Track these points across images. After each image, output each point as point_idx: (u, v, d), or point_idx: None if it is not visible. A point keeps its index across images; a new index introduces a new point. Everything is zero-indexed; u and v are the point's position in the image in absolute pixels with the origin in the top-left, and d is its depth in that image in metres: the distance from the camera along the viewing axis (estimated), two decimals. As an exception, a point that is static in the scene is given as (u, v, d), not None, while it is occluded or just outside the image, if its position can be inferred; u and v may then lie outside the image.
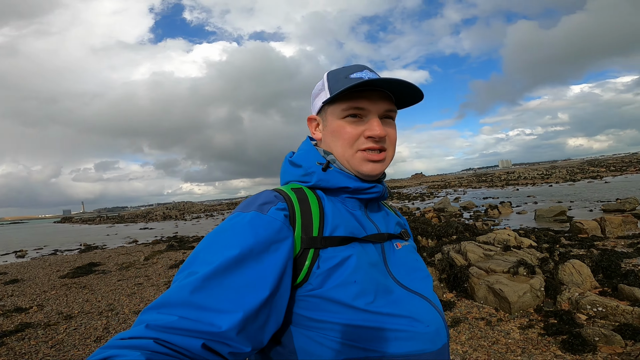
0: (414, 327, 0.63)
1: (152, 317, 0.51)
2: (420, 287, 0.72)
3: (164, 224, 34.60)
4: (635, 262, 5.59)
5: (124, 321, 4.87)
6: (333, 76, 0.77)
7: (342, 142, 0.74)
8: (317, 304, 0.60)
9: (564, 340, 3.05)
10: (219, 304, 0.52)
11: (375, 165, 0.74)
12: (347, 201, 0.75)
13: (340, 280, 0.61)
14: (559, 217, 11.77)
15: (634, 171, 39.37)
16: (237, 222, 0.62)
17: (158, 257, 10.57)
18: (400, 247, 0.77)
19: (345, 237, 0.66)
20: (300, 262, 0.62)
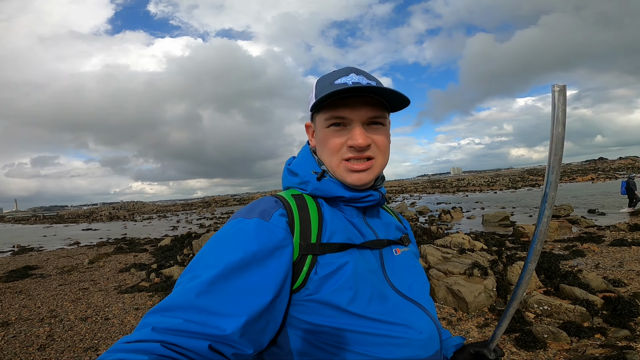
0: (408, 334, 0.65)
1: (156, 320, 0.51)
2: (417, 294, 0.73)
3: (110, 224, 32.42)
4: (571, 263, 6.17)
5: (70, 328, 4.49)
6: (321, 82, 0.76)
7: (328, 152, 0.74)
8: (313, 308, 0.62)
9: (517, 337, 3.28)
10: (223, 308, 0.53)
11: (360, 175, 0.72)
12: (345, 209, 0.75)
13: (336, 286, 0.62)
14: (503, 221, 12.72)
15: (568, 180, 43.72)
16: (240, 227, 0.63)
17: (105, 260, 9.84)
18: (399, 253, 0.77)
19: (343, 244, 0.67)
20: (298, 267, 0.63)
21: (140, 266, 8.53)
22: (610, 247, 7.10)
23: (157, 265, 8.18)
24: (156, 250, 11.38)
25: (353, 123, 0.71)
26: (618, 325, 3.41)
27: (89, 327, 4.49)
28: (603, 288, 4.44)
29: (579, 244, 7.62)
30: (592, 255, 6.67)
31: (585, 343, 3.11)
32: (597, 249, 7.03)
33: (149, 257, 10.17)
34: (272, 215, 0.66)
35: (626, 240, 7.37)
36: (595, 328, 3.40)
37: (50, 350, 3.85)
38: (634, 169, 55.04)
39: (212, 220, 28.39)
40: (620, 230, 8.86)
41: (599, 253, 6.76)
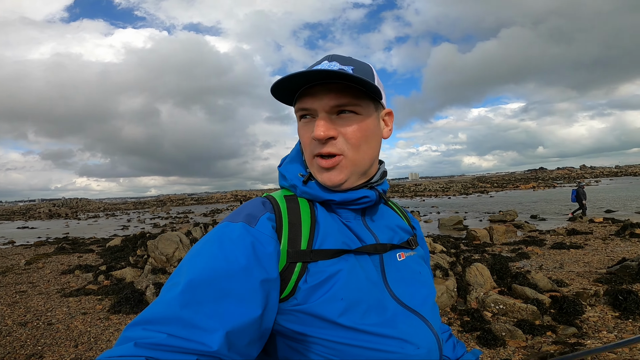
0: (404, 348, 0.60)
1: (138, 334, 0.47)
2: (419, 303, 0.67)
3: (50, 222, 29.84)
4: (518, 265, 6.64)
5: (8, 334, 4.04)
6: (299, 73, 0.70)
7: (303, 148, 0.68)
8: (302, 319, 0.57)
9: (479, 335, 3.44)
10: (207, 322, 0.49)
11: (330, 173, 0.64)
12: (340, 212, 0.68)
13: (326, 297, 0.57)
14: (457, 225, 13.45)
15: (512, 188, 47.31)
16: (224, 233, 0.58)
17: (44, 261, 8.97)
18: (403, 258, 0.71)
19: (337, 250, 0.61)
20: (286, 276, 0.58)
21: (86, 268, 7.88)
22: (552, 250, 7.74)
23: (106, 267, 7.59)
24: (104, 250, 10.59)
25: (318, 115, 0.63)
26: (566, 323, 3.69)
27: (30, 333, 4.07)
28: (549, 288, 4.81)
29: (524, 247, 8.23)
30: (536, 257, 7.23)
31: (539, 340, 3.34)
32: (540, 252, 7.64)
33: (96, 258, 9.43)
34: (259, 219, 0.60)
35: (565, 244, 8.08)
36: (546, 326, 3.65)
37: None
38: (570, 178, 60.90)
39: (167, 219, 27.04)
40: (559, 234, 9.71)
41: (541, 255, 7.34)
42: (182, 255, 7.31)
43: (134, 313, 4.63)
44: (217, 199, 77.24)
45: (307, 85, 0.63)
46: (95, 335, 3.99)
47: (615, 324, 3.62)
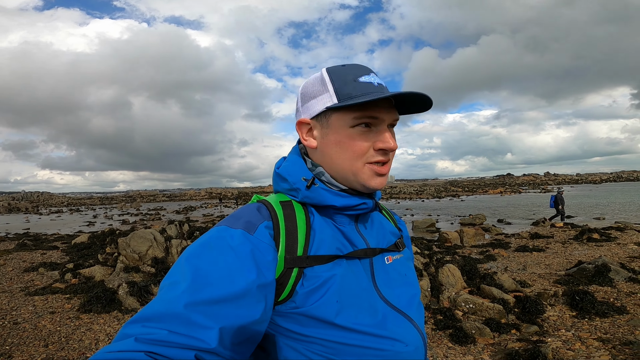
0: (394, 346, 0.65)
1: (138, 330, 0.49)
2: (405, 304, 0.72)
3: (9, 217, 28.07)
4: (486, 266, 6.98)
5: (-29, 336, 3.77)
6: (338, 77, 0.69)
7: (351, 155, 0.68)
8: (300, 320, 0.61)
9: (451, 333, 3.61)
10: (206, 321, 0.51)
11: (382, 179, 0.70)
12: (336, 217, 0.72)
13: (323, 300, 0.61)
14: (430, 228, 13.91)
15: (482, 192, 49.22)
16: (224, 238, 0.61)
17: (5, 258, 8.46)
18: (391, 261, 0.75)
19: (331, 255, 0.65)
20: (283, 281, 0.62)
21: (51, 265, 7.53)
22: (516, 253, 8.17)
23: (73, 265, 7.27)
24: (70, 247, 10.12)
25: (380, 125, 0.68)
26: (528, 322, 3.94)
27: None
28: (514, 288, 5.10)
29: (491, 249, 8.65)
30: (502, 259, 7.62)
31: (505, 338, 3.55)
32: (505, 254, 8.05)
33: (61, 256, 9.02)
34: (257, 227, 0.63)
35: (528, 247, 8.55)
36: (510, 324, 3.89)
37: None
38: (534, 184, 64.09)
39: (138, 216, 26.15)
40: (523, 238, 10.26)
41: (507, 257, 7.74)
42: (156, 253, 7.13)
43: (105, 312, 4.48)
44: (190, 195, 75.25)
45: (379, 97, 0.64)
46: (66, 335, 3.84)
47: (573, 322, 3.90)
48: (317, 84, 0.71)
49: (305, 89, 0.73)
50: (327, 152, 0.70)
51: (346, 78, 0.69)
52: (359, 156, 0.68)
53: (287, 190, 0.72)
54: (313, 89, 0.71)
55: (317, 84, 0.71)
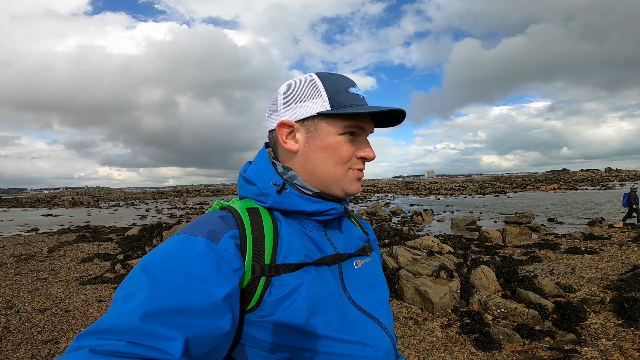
0: (364, 352, 0.65)
1: (92, 342, 0.46)
2: (375, 307, 0.72)
3: (73, 211, 30.97)
4: (528, 268, 6.55)
5: (27, 320, 4.30)
6: (330, 84, 0.71)
7: (337, 160, 0.69)
8: (269, 329, 0.61)
9: (476, 338, 3.46)
10: (169, 331, 0.49)
11: (359, 184, 0.74)
12: (305, 223, 0.72)
13: (292, 308, 0.60)
14: (470, 226, 13.28)
15: (532, 189, 46.00)
16: (186, 247, 0.58)
17: (66, 248, 9.41)
18: (359, 266, 0.76)
19: (299, 263, 0.64)
20: (250, 290, 0.61)
21: (105, 256, 8.22)
22: (565, 255, 7.58)
23: (123, 256, 7.91)
24: (122, 240, 11.00)
25: (362, 135, 0.72)
26: (566, 329, 3.66)
27: (48, 319, 4.31)
28: (555, 293, 4.75)
29: (537, 250, 8.08)
30: (548, 261, 7.10)
31: (535, 345, 3.34)
32: (553, 256, 7.49)
33: (114, 247, 9.82)
34: (222, 237, 0.61)
35: (580, 249, 7.89)
36: (545, 331, 3.63)
37: (7, 342, 3.68)
38: (593, 181, 58.69)
39: (184, 210, 27.71)
40: (575, 238, 9.47)
41: (554, 260, 7.20)
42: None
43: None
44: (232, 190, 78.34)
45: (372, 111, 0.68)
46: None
47: (616, 331, 3.57)
48: (307, 88, 0.71)
49: (291, 90, 0.72)
50: (311, 156, 0.70)
51: (338, 87, 0.70)
52: (344, 162, 0.70)
53: (256, 195, 0.71)
54: (303, 92, 0.71)
55: (307, 88, 0.71)
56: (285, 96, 0.72)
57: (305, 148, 0.70)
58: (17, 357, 3.36)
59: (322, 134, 0.69)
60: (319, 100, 0.69)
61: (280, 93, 0.74)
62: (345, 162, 0.70)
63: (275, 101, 0.74)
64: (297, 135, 0.71)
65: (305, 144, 0.70)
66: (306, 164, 0.71)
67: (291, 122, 0.71)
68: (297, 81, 0.73)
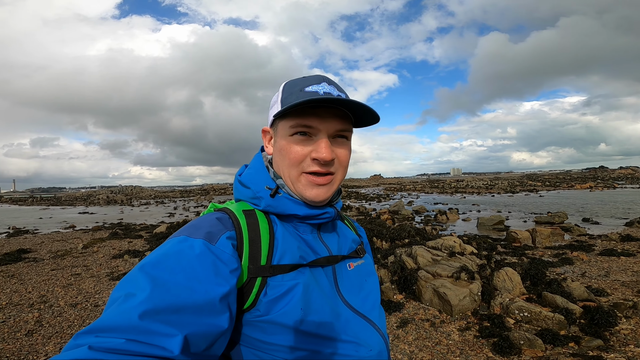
0: (358, 351, 0.67)
1: (91, 340, 0.47)
2: (368, 308, 0.74)
3: (107, 209, 32.48)
4: (558, 270, 6.25)
5: (59, 314, 4.56)
6: (288, 87, 0.73)
7: (288, 162, 0.70)
8: (264, 328, 0.63)
9: (495, 342, 3.35)
10: (168, 329, 0.50)
11: (320, 189, 0.71)
12: (299, 226, 0.74)
13: (287, 307, 0.62)
14: (498, 226, 12.80)
15: (566, 187, 43.73)
16: (183, 248, 0.59)
17: (99, 245, 9.90)
18: (352, 268, 0.78)
19: (294, 264, 0.67)
20: (247, 290, 0.63)
21: (134, 253, 8.59)
22: (599, 257, 7.17)
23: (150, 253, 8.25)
24: (151, 237, 11.45)
25: (319, 134, 0.69)
26: (593, 335, 3.48)
27: (78, 314, 4.56)
28: (585, 297, 4.51)
29: (569, 252, 7.70)
30: (580, 263, 6.75)
31: (558, 351, 3.19)
32: (586, 258, 7.11)
33: (143, 244, 10.24)
34: (219, 238, 0.63)
35: (615, 251, 7.44)
36: (570, 336, 3.47)
37: (38, 336, 3.91)
38: (633, 179, 55.04)
39: (209, 209, 28.29)
40: (612, 240, 8.94)
41: (587, 262, 6.83)
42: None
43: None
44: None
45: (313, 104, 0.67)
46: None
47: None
48: (275, 96, 0.76)
49: (272, 99, 0.78)
50: (275, 159, 0.75)
51: (294, 88, 0.71)
52: (294, 164, 0.70)
53: (250, 199, 0.74)
54: (272, 100, 0.77)
55: (275, 96, 0.76)
56: (270, 106, 0.78)
57: (273, 151, 0.76)
58: (45, 351, 3.56)
59: (279, 136, 0.73)
60: (276, 105, 0.73)
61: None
62: (297, 164, 0.70)
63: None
64: (272, 139, 0.76)
65: (273, 148, 0.76)
66: (275, 166, 0.75)
67: (267, 128, 0.78)
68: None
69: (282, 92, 0.73)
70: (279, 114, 0.70)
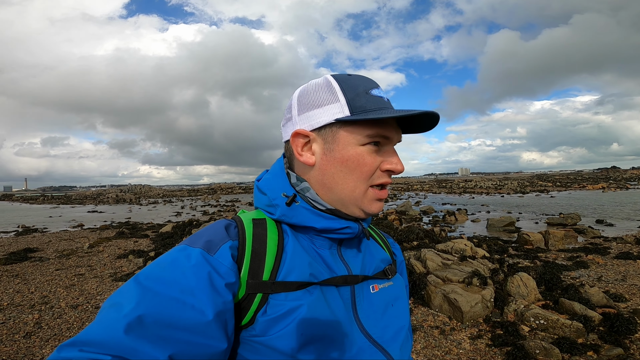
0: None
1: (73, 354, 0.44)
2: (389, 338, 0.64)
3: (116, 207, 32.87)
4: (573, 274, 6.03)
5: (59, 316, 4.50)
6: (349, 86, 0.62)
7: (358, 176, 0.61)
8: (259, 350, 0.55)
9: (508, 352, 3.18)
10: (151, 347, 0.46)
11: (381, 203, 0.65)
12: (316, 239, 0.65)
13: (285, 331, 0.55)
14: (508, 227, 12.54)
15: (578, 188, 42.97)
16: (180, 258, 0.55)
17: (105, 244, 9.92)
18: (377, 290, 0.67)
19: (302, 282, 0.58)
20: (245, 306, 0.56)
21: (139, 253, 8.56)
22: (615, 260, 6.95)
23: (154, 253, 8.19)
24: (157, 236, 11.45)
25: (389, 145, 0.63)
26: (613, 343, 3.30)
27: (78, 316, 4.49)
28: (603, 303, 4.31)
29: (584, 255, 7.47)
30: (595, 267, 6.52)
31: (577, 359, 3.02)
32: (601, 261, 6.88)
33: (148, 244, 10.22)
34: (219, 248, 0.57)
35: (632, 254, 7.21)
36: (589, 345, 3.29)
37: (36, 338, 3.85)
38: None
39: (217, 207, 28.57)
40: (627, 242, 8.67)
41: (602, 265, 6.61)
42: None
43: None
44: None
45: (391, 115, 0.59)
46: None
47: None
48: (323, 91, 0.63)
49: (305, 95, 0.65)
50: (329, 170, 0.62)
51: (358, 89, 0.62)
52: (365, 178, 0.62)
53: (266, 206, 0.66)
54: (317, 97, 0.63)
55: (323, 91, 0.63)
56: (300, 102, 0.65)
57: (322, 161, 0.63)
58: (42, 354, 3.49)
59: (341, 145, 0.61)
60: (336, 105, 0.61)
61: (294, 99, 0.67)
62: (368, 177, 0.62)
63: (290, 108, 0.67)
64: (314, 146, 0.64)
65: (322, 156, 0.63)
66: (323, 178, 0.63)
67: (306, 132, 0.63)
68: (311, 85, 0.66)
69: (342, 91, 0.62)
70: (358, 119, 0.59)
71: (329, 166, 0.62)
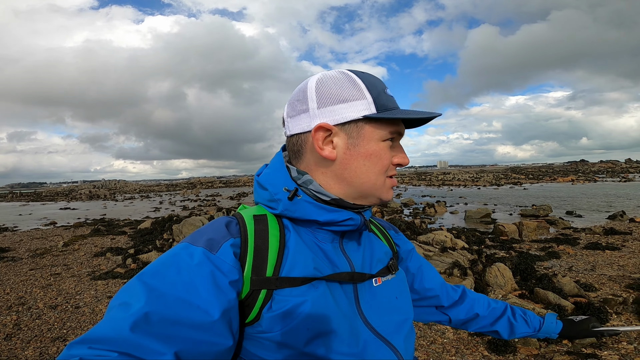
0: None
1: (83, 352, 0.45)
2: (392, 331, 0.66)
3: (90, 204, 31.72)
4: (546, 264, 6.32)
5: (37, 317, 4.34)
6: (370, 84, 0.64)
7: (380, 169, 0.65)
8: (267, 345, 0.57)
9: (490, 340, 3.33)
10: (158, 344, 0.47)
11: (393, 191, 0.71)
12: (318, 233, 0.66)
13: (291, 326, 0.56)
14: (485, 218, 12.99)
15: (549, 180, 44.84)
16: (183, 257, 0.55)
17: (80, 242, 9.57)
18: (379, 283, 0.69)
19: (306, 277, 0.59)
20: (249, 303, 0.57)
21: (117, 250, 8.32)
22: (585, 250, 7.30)
23: (134, 250, 7.99)
24: (135, 233, 11.15)
25: (398, 140, 0.69)
26: (586, 333, 3.50)
27: (58, 316, 4.35)
28: (575, 293, 4.55)
29: (555, 246, 7.82)
30: (566, 257, 6.85)
31: (552, 349, 3.19)
32: (572, 252, 7.22)
33: (127, 241, 9.95)
34: (221, 246, 0.57)
35: (600, 244, 7.59)
36: (564, 334, 3.48)
37: (17, 339, 3.72)
38: (613, 172, 56.80)
39: (196, 202, 28.06)
40: (595, 233, 9.13)
41: (573, 255, 6.94)
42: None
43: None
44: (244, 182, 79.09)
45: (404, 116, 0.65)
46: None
47: (639, 334, 3.39)
48: (347, 86, 0.63)
49: (326, 88, 0.64)
50: (352, 164, 0.64)
51: (378, 88, 0.65)
52: (384, 171, 0.66)
53: (267, 201, 0.66)
54: (342, 91, 0.63)
55: (347, 86, 0.63)
56: (320, 95, 0.64)
57: (345, 155, 0.64)
58: (25, 356, 3.37)
59: (365, 140, 0.63)
60: (364, 102, 0.62)
61: (311, 91, 0.65)
62: (385, 170, 0.66)
63: (305, 100, 0.65)
64: (337, 140, 0.64)
65: (345, 151, 0.64)
66: (344, 172, 0.64)
67: (330, 126, 0.63)
68: (330, 78, 0.65)
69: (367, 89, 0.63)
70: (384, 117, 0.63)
71: (352, 160, 0.64)
